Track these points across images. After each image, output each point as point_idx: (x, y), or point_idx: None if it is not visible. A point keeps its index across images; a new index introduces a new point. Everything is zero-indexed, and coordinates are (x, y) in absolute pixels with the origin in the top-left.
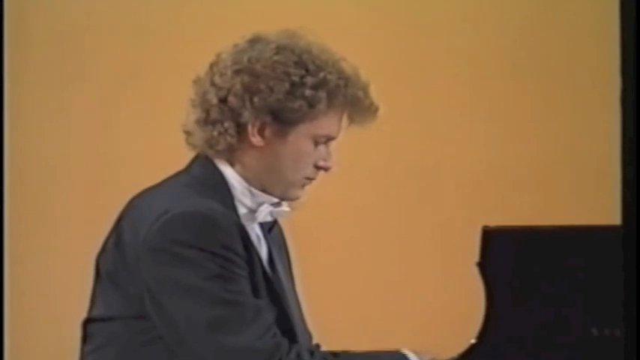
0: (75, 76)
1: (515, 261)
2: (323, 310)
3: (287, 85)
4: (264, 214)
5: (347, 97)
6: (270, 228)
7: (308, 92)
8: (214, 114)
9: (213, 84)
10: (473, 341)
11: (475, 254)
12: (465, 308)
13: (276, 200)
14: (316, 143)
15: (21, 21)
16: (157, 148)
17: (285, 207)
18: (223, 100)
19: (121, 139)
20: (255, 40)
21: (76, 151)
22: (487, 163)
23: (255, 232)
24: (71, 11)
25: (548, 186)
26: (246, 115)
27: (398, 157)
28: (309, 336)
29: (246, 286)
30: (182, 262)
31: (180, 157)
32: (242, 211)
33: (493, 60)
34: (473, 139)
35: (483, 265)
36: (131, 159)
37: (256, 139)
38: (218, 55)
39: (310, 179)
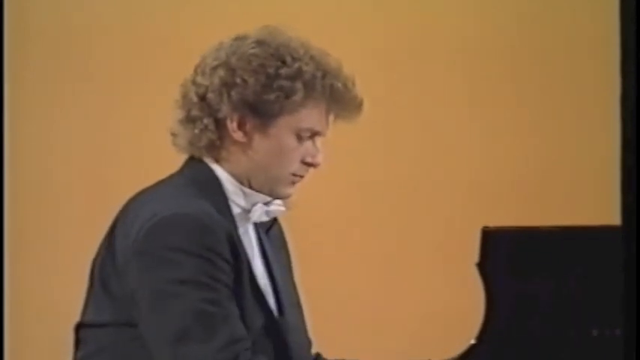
0: (75, 76)
1: (515, 261)
2: (322, 310)
3: (262, 78)
4: (259, 213)
5: (325, 88)
6: (269, 228)
7: (284, 83)
8: (194, 111)
9: (194, 83)
10: (473, 341)
11: (475, 254)
12: (465, 308)
13: (269, 199)
14: (300, 138)
15: (21, 21)
16: (158, 148)
17: (280, 206)
18: (202, 98)
19: (122, 139)
20: (236, 38)
21: (76, 151)
22: (487, 163)
23: (248, 234)
24: (71, 11)
25: (547, 186)
26: (224, 110)
27: (397, 156)
28: (309, 342)
29: (224, 293)
30: (163, 265)
31: (181, 158)
32: (236, 210)
33: (493, 59)
34: (473, 139)
35: (483, 265)
36: (132, 159)
37: (238, 135)
38: (201, 55)
39: (298, 176)
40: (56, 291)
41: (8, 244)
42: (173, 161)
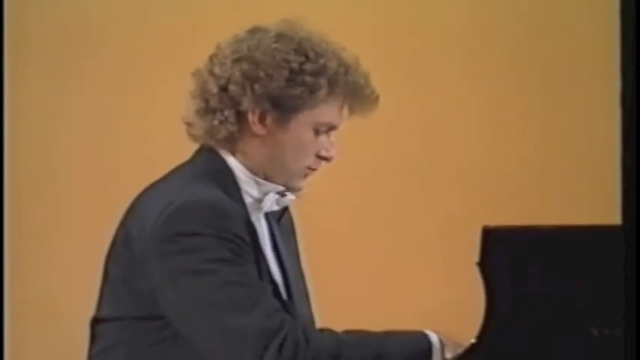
0: (75, 76)
1: (515, 261)
2: (321, 310)
3: (286, 73)
4: (271, 203)
5: (348, 84)
6: (280, 217)
7: (308, 79)
8: (214, 103)
9: (212, 74)
10: (473, 341)
11: (475, 254)
12: (465, 308)
13: (281, 189)
14: (317, 132)
15: (21, 21)
16: (158, 147)
17: (290, 195)
18: (224, 89)
19: (122, 138)
20: (254, 30)
21: (76, 151)
22: (487, 163)
23: (260, 223)
24: (71, 11)
25: (548, 186)
26: (246, 103)
27: (398, 156)
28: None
29: (253, 270)
30: (189, 250)
31: (182, 157)
32: (248, 200)
33: (494, 59)
34: (473, 139)
35: (483, 265)
36: (132, 158)
37: (257, 128)
38: (217, 46)
39: (312, 169)
40: (56, 291)
41: (8, 244)
42: (174, 159)
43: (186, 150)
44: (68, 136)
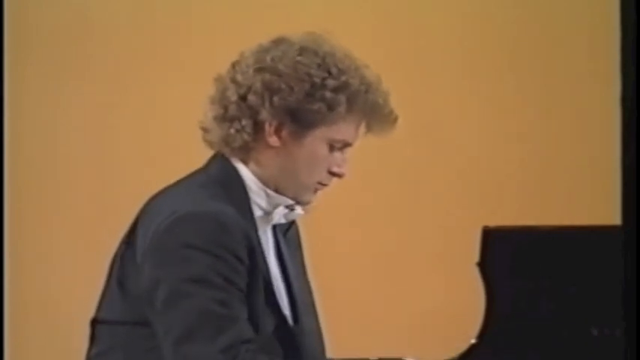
0: (75, 76)
1: (515, 261)
2: (321, 310)
3: (307, 86)
4: (279, 216)
5: (367, 102)
6: (287, 230)
7: (328, 94)
8: (232, 111)
9: (233, 81)
10: (473, 341)
11: (475, 254)
12: (465, 308)
13: (291, 202)
14: (332, 148)
15: (21, 21)
16: (158, 147)
17: (299, 209)
18: (243, 98)
19: (122, 138)
20: (279, 41)
21: (76, 151)
22: (487, 163)
23: (266, 235)
24: (71, 11)
25: (548, 186)
26: (264, 114)
27: (398, 156)
28: (323, 346)
29: (235, 295)
30: (177, 262)
31: (181, 156)
32: (258, 213)
33: (494, 59)
34: (473, 139)
35: (483, 265)
36: (132, 158)
37: (273, 139)
38: (241, 54)
39: (323, 184)
40: (56, 292)
41: (8, 244)
42: (174, 158)
43: (185, 150)
44: (68, 135)
